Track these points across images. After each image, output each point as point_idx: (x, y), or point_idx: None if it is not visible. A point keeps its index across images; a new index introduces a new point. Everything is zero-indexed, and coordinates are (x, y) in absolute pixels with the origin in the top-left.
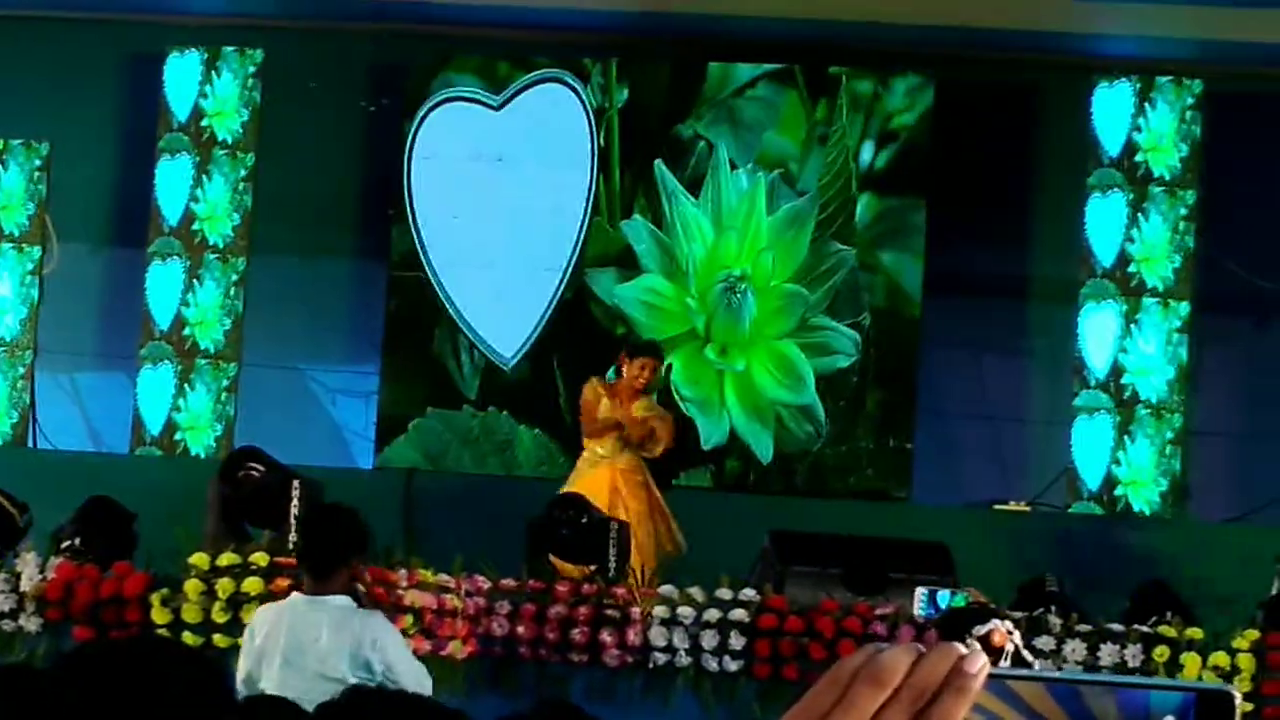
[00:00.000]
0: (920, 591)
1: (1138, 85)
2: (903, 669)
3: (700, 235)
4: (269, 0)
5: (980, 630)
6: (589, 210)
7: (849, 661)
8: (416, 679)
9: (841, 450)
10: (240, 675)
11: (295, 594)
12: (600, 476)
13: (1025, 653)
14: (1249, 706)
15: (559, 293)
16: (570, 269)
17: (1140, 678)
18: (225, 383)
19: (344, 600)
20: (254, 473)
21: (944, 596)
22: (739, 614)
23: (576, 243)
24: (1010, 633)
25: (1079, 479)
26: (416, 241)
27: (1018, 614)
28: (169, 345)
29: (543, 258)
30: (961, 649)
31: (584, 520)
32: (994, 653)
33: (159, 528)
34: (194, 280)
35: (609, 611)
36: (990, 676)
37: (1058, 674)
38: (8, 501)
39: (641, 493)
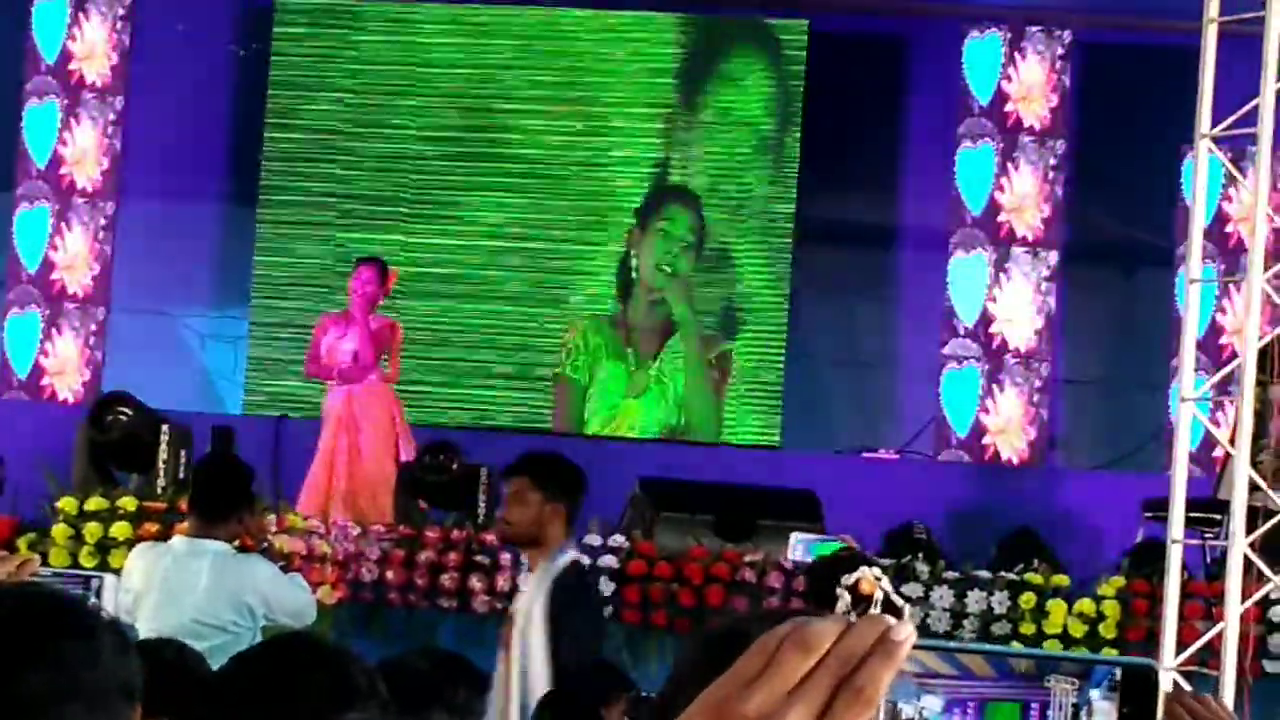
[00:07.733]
0: (794, 538)
1: (1008, 35)
2: (831, 636)
3: None
4: None
5: (849, 579)
6: None
7: (778, 630)
8: (298, 613)
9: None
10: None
11: (176, 537)
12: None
13: (895, 598)
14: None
15: None
16: None
17: (1070, 654)
18: (93, 327)
19: (223, 546)
20: (122, 417)
21: (822, 545)
22: (608, 560)
23: None
24: (879, 579)
25: (948, 427)
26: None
27: (886, 561)
28: (36, 289)
29: None
30: (889, 619)
31: (454, 466)
32: (863, 600)
33: (26, 472)
34: (62, 224)
35: (478, 558)
36: (918, 647)
37: (987, 647)
38: None
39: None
